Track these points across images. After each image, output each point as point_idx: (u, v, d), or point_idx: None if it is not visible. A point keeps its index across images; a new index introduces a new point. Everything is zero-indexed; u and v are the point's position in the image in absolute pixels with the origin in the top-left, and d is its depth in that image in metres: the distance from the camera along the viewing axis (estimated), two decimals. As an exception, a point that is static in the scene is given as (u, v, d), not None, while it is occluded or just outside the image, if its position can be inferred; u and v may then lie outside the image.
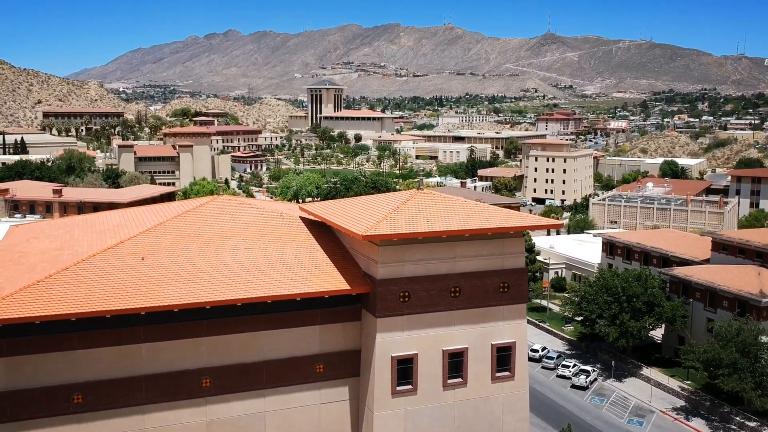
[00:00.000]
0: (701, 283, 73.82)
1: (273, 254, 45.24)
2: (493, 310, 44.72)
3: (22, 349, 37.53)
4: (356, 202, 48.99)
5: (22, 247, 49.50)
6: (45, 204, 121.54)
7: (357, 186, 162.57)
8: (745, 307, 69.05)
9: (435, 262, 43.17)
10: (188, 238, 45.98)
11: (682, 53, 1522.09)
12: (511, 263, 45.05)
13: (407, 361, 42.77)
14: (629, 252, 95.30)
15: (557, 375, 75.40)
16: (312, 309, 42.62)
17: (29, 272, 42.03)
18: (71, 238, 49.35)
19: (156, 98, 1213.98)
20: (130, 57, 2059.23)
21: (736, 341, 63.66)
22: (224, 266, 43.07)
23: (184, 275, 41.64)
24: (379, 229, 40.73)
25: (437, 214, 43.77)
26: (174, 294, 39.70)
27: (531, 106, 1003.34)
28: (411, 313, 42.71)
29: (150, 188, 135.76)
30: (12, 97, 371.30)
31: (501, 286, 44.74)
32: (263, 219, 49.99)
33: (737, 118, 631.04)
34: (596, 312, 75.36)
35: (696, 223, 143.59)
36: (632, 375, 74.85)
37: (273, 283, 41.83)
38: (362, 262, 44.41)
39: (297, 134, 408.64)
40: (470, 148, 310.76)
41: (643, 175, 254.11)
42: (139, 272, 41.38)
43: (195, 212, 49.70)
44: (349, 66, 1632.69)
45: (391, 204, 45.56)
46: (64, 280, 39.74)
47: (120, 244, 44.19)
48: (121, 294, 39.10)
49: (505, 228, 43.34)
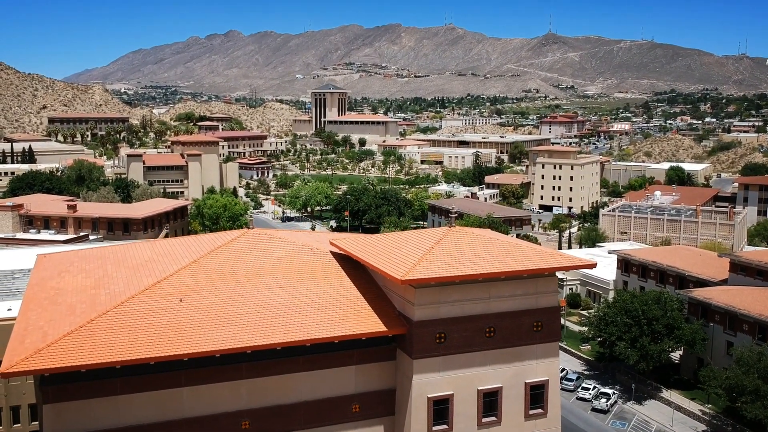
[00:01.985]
0: (721, 306, 74.17)
1: (308, 293, 45.64)
2: (526, 349, 45.14)
3: (67, 395, 37.94)
4: (388, 239, 49.35)
5: (56, 283, 49.82)
6: (59, 219, 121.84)
7: (367, 197, 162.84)
8: (766, 331, 69.40)
9: (470, 303, 43.58)
10: (224, 276, 46.38)
11: (683, 53, 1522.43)
12: (545, 302, 45.47)
13: (443, 401, 43.19)
14: (645, 270, 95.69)
15: (577, 398, 75.78)
16: (348, 350, 43.07)
17: (69, 314, 42.40)
18: (105, 274, 49.71)
19: (158, 99, 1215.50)
20: (131, 58, 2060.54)
21: (758, 367, 64.01)
22: (261, 307, 43.47)
23: (223, 317, 42.04)
24: (417, 273, 41.12)
25: (472, 255, 44.17)
26: (215, 338, 40.09)
27: (533, 107, 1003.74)
28: (447, 354, 43.12)
29: (163, 202, 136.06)
30: (17, 102, 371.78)
31: (535, 325, 45.15)
32: (295, 254, 50.40)
33: (740, 119, 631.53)
34: (616, 334, 75.77)
35: (706, 234, 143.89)
36: (652, 398, 75.21)
37: (311, 325, 42.23)
38: (397, 302, 44.81)
39: (301, 138, 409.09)
40: (475, 153, 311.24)
41: (649, 182, 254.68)
42: (179, 315, 41.79)
43: (227, 248, 50.07)
44: (351, 67, 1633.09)
45: (424, 243, 45.94)
46: (106, 324, 40.13)
47: (157, 285, 44.58)
48: (163, 339, 39.49)
49: (539, 269, 43.76)
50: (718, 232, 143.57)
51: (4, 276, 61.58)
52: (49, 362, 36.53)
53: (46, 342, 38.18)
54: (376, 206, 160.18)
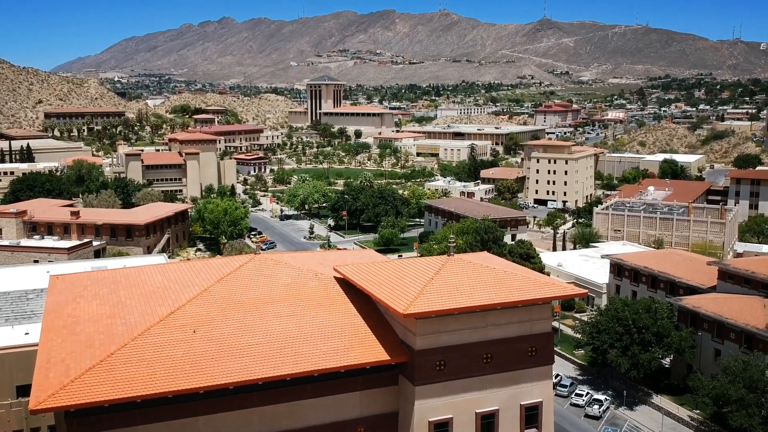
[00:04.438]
0: (709, 315, 76.93)
1: (314, 321, 48.08)
2: (521, 373, 47.72)
3: (91, 427, 40.34)
4: (390, 267, 51.70)
5: (72, 309, 52.08)
6: (63, 225, 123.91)
7: (364, 196, 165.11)
8: (752, 340, 72.21)
9: (468, 331, 46.08)
10: (233, 305, 48.77)
11: (678, 38, 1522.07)
12: (539, 328, 48.01)
13: (443, 425, 45.78)
14: (637, 275, 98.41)
15: (570, 404, 78.61)
16: (354, 377, 45.61)
17: (89, 346, 44.74)
18: (119, 302, 51.99)
19: (151, 88, 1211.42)
20: (124, 45, 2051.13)
21: (744, 376, 66.82)
22: (271, 336, 45.91)
23: (235, 348, 44.47)
24: (418, 306, 43.59)
25: (469, 286, 46.62)
26: (228, 370, 42.52)
27: (528, 94, 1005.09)
28: (446, 380, 45.66)
29: (164, 207, 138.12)
30: (13, 97, 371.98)
31: (529, 350, 47.72)
32: (301, 280, 52.82)
33: (734, 106, 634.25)
34: (608, 342, 78.56)
35: (699, 231, 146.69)
36: (643, 403, 78.13)
37: (318, 355, 44.71)
38: (399, 330, 47.28)
39: (297, 131, 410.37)
40: (471, 146, 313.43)
41: (643, 174, 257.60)
42: (193, 346, 44.19)
43: (236, 275, 52.44)
44: (345, 54, 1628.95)
45: (424, 273, 48.35)
46: (125, 358, 42.51)
47: (171, 315, 46.95)
48: (180, 372, 41.90)
49: (533, 300, 46.27)
50: (710, 229, 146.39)
51: (19, 297, 63.85)
52: (74, 398, 38.93)
53: (70, 377, 40.57)
54: (373, 205, 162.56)
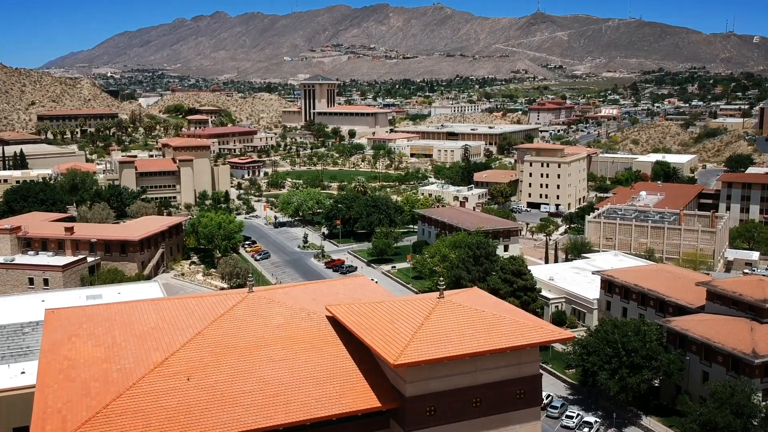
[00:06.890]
0: (697, 338, 78.00)
1: (306, 366, 48.84)
2: (510, 415, 48.70)
3: (87, 479, 41.14)
4: (380, 309, 52.38)
5: (67, 351, 52.69)
6: (57, 241, 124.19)
7: (358, 205, 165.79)
8: (738, 364, 73.31)
9: (458, 377, 46.98)
10: (226, 351, 49.51)
11: (671, 31, 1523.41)
12: (527, 371, 48.96)
13: (434, 468, 46.69)
14: (627, 292, 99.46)
15: (561, 425, 79.61)
16: (346, 422, 46.43)
17: (85, 395, 45.46)
18: (114, 343, 52.67)
19: (144, 83, 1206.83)
20: (117, 40, 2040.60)
21: (731, 402, 67.91)
22: (263, 383, 46.71)
23: (228, 397, 45.26)
24: (408, 355, 44.40)
25: (459, 332, 47.44)
26: (222, 421, 43.33)
27: (521, 89, 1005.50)
28: (437, 425, 46.59)
29: (158, 220, 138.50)
30: (5, 99, 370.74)
31: (518, 393, 48.67)
32: (293, 321, 53.62)
33: (727, 102, 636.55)
34: (597, 364, 79.57)
35: (690, 239, 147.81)
36: (633, 424, 79.15)
37: (310, 403, 45.52)
38: (390, 375, 48.11)
39: (291, 131, 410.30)
40: (464, 147, 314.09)
41: (635, 176, 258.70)
42: (187, 395, 44.97)
43: (228, 317, 53.20)
44: (339, 48, 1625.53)
45: (414, 317, 49.12)
46: (121, 409, 43.27)
47: (165, 362, 47.69)
48: (174, 423, 42.69)
49: (521, 346, 47.15)
50: (701, 237, 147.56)
51: (14, 332, 64.38)
52: (72, 454, 39.70)
53: (66, 431, 41.33)
54: (367, 214, 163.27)
